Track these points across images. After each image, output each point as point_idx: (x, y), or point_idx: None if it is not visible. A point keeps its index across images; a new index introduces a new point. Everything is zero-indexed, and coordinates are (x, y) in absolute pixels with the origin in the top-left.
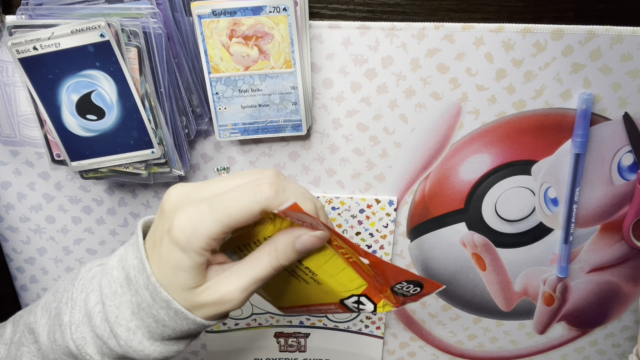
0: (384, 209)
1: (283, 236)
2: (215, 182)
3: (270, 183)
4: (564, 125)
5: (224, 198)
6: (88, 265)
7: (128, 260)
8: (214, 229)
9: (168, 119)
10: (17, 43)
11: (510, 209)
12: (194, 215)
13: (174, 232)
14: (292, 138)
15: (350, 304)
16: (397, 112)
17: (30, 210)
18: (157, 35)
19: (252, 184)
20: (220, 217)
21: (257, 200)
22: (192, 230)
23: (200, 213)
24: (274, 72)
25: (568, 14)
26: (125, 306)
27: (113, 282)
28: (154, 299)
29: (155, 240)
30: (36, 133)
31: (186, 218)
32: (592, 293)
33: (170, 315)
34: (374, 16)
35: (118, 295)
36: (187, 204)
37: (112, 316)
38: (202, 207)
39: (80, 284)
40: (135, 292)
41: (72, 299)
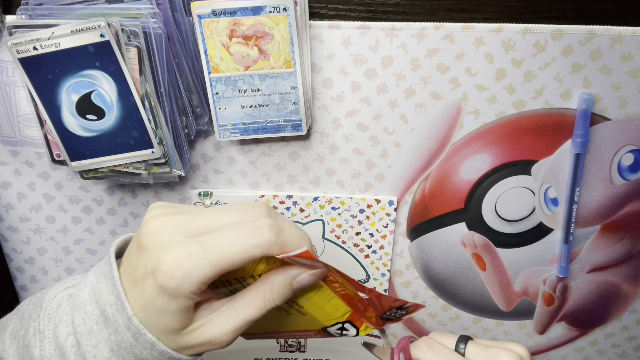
0: (384, 209)
1: (279, 276)
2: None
3: (270, 226)
4: (564, 125)
5: (220, 240)
6: (52, 292)
7: (102, 295)
8: (207, 274)
9: (168, 119)
10: (17, 43)
11: (510, 209)
12: (183, 258)
13: (160, 277)
14: (292, 138)
15: (334, 330)
16: (397, 112)
17: (30, 210)
18: (157, 35)
19: (249, 226)
20: (215, 261)
21: (257, 244)
22: (182, 275)
23: (191, 256)
24: (274, 72)
25: (568, 14)
26: (103, 344)
27: (87, 319)
28: (136, 340)
29: (137, 278)
30: (36, 133)
31: (175, 261)
32: (592, 293)
33: (154, 355)
34: (374, 16)
35: (94, 334)
36: (174, 243)
37: (90, 356)
38: (194, 249)
39: (46, 313)
40: (115, 331)
41: (39, 331)
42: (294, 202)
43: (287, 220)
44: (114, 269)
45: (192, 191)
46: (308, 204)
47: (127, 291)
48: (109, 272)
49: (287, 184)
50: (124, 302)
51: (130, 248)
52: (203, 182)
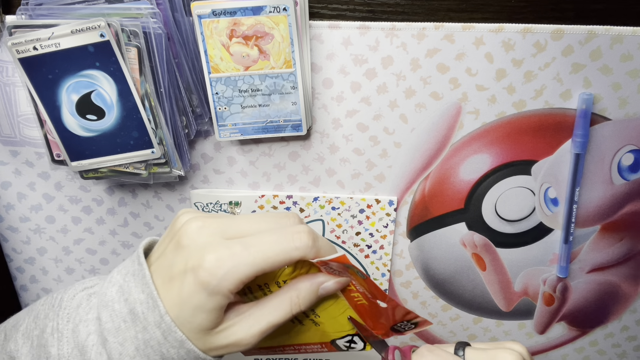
0: (384, 209)
1: (306, 282)
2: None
3: (308, 232)
4: (564, 125)
5: (261, 242)
6: (71, 292)
7: (132, 293)
8: (248, 272)
9: (168, 119)
10: (17, 43)
11: (510, 209)
12: (227, 257)
13: (203, 274)
14: (292, 138)
15: (342, 343)
16: (397, 112)
17: (30, 210)
18: (157, 35)
19: (288, 230)
20: (257, 261)
21: (296, 247)
22: (224, 272)
23: (234, 255)
24: (274, 72)
25: (568, 14)
26: (129, 342)
27: (115, 317)
28: (165, 338)
29: (173, 276)
30: (36, 133)
31: (217, 259)
32: (592, 293)
33: (181, 355)
34: (374, 16)
35: (122, 331)
36: (216, 244)
37: (116, 353)
38: (236, 249)
39: (65, 313)
40: (143, 329)
41: (57, 330)
42: (294, 202)
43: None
44: (144, 268)
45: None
46: (308, 204)
47: (159, 289)
48: (138, 271)
49: (287, 184)
50: (156, 300)
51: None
52: (203, 182)
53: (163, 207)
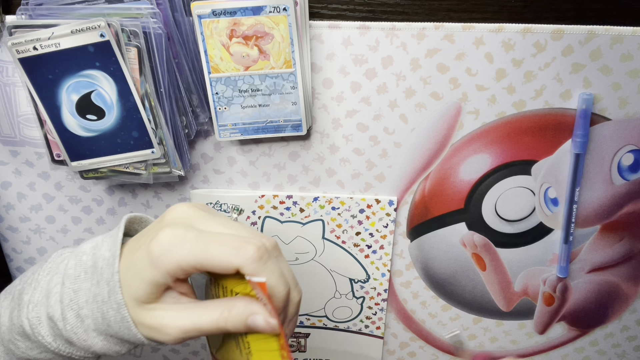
0: (384, 209)
1: (241, 304)
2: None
3: (258, 247)
4: (564, 125)
5: (212, 238)
6: (60, 250)
7: (101, 250)
8: (187, 260)
9: (168, 119)
10: (17, 43)
11: (510, 209)
12: (178, 236)
13: (152, 243)
14: (292, 138)
15: None
16: (397, 112)
17: (30, 210)
18: (157, 35)
19: (242, 239)
20: (197, 253)
21: (236, 255)
22: (167, 248)
23: (184, 238)
24: (274, 72)
25: (568, 14)
26: (83, 293)
27: (79, 266)
28: (109, 297)
29: (138, 243)
30: (36, 133)
31: (170, 235)
32: (592, 293)
33: (117, 320)
34: (374, 16)
35: (80, 280)
36: (181, 225)
37: (67, 299)
38: (190, 234)
39: (48, 266)
40: (97, 283)
41: (36, 280)
42: (294, 202)
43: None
44: (120, 230)
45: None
46: (308, 204)
47: (123, 254)
48: (115, 233)
49: (287, 184)
50: (115, 258)
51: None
52: (203, 182)
53: (163, 207)
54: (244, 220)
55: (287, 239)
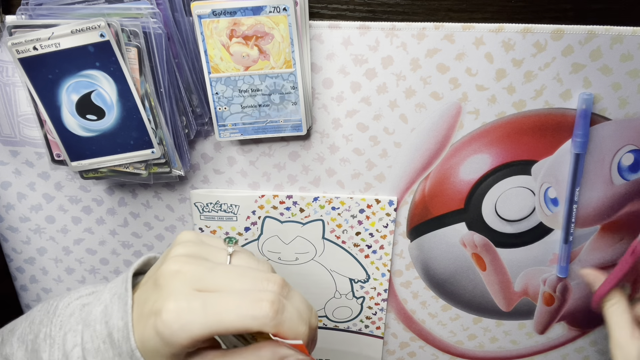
0: (384, 209)
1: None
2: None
3: (272, 301)
4: (564, 125)
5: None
6: (66, 300)
7: (113, 317)
8: (201, 333)
9: (168, 119)
10: (17, 43)
11: (510, 209)
12: (185, 311)
13: (159, 322)
14: (292, 138)
15: None
16: (397, 112)
17: (30, 210)
18: (157, 35)
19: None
20: (210, 323)
21: (254, 316)
22: (178, 327)
23: (192, 311)
24: (274, 72)
25: (568, 14)
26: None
27: (95, 338)
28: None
29: (143, 313)
30: (36, 133)
31: (176, 311)
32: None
33: None
34: (374, 16)
35: (101, 352)
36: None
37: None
38: (196, 304)
39: (58, 320)
40: (118, 355)
41: (50, 336)
42: (294, 202)
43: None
44: (128, 296)
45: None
46: (308, 204)
47: (135, 321)
48: (123, 295)
49: (287, 184)
50: (129, 332)
51: (148, 279)
52: (203, 182)
53: (163, 207)
54: (244, 220)
55: (287, 239)
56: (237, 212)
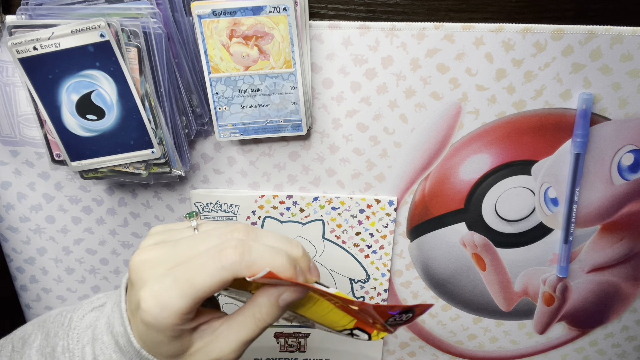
0: (384, 209)
1: (264, 297)
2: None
3: (235, 246)
4: (564, 125)
5: (188, 269)
6: (80, 312)
7: (115, 325)
8: (183, 305)
9: (168, 119)
10: (17, 43)
11: (510, 209)
12: (159, 292)
13: (142, 314)
14: (292, 138)
15: (345, 335)
16: (397, 112)
17: (30, 210)
18: (157, 35)
19: (216, 249)
20: (186, 292)
21: (222, 267)
22: (159, 310)
23: (165, 289)
24: (274, 72)
25: (568, 14)
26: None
27: (105, 349)
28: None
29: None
30: (36, 133)
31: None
32: (592, 293)
33: None
34: (374, 16)
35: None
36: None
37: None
38: (167, 281)
39: (75, 333)
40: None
41: (69, 350)
42: (294, 202)
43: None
44: (122, 301)
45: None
46: (308, 204)
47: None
48: (118, 302)
49: (287, 184)
50: (130, 336)
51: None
52: (203, 182)
53: (163, 207)
54: (244, 220)
55: None
56: (237, 212)
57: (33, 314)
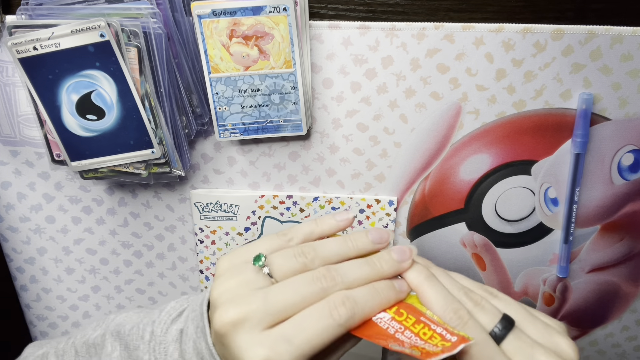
0: (384, 209)
1: None
2: (276, 299)
3: (343, 302)
4: (564, 125)
5: (302, 329)
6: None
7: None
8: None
9: (168, 119)
10: (17, 43)
11: (510, 209)
12: (271, 356)
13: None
14: (292, 138)
15: None
16: (397, 112)
17: (30, 210)
18: (157, 35)
19: (325, 307)
20: (304, 351)
21: (338, 325)
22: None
23: (281, 354)
24: (274, 72)
25: (568, 14)
26: None
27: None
28: None
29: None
30: (36, 133)
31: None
32: (592, 293)
33: None
34: (374, 16)
35: None
36: (257, 346)
37: None
38: (281, 347)
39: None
40: None
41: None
42: (294, 202)
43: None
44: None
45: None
46: (308, 204)
47: None
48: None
49: (287, 184)
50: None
51: (214, 335)
52: (203, 182)
53: (163, 207)
54: (244, 220)
55: None
56: (237, 212)
57: (33, 314)
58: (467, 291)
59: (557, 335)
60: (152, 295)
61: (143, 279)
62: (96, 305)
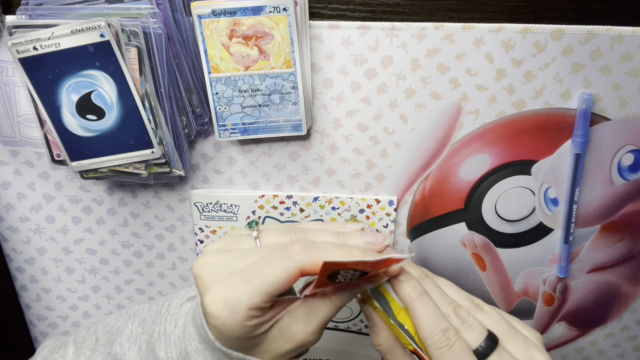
0: (384, 209)
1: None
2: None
3: (299, 241)
4: (564, 125)
5: (255, 267)
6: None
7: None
8: (252, 301)
9: (168, 119)
10: (17, 43)
11: (510, 209)
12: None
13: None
14: (292, 138)
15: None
16: (397, 112)
17: (30, 210)
18: (157, 35)
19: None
20: (258, 288)
21: (289, 259)
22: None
23: (232, 289)
24: (274, 72)
25: (568, 14)
26: None
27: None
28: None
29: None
30: (36, 133)
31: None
32: (592, 293)
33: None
34: (374, 16)
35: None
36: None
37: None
38: (234, 281)
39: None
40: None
41: (165, 334)
42: (294, 202)
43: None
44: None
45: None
46: (308, 204)
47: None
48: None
49: (287, 184)
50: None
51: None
52: (203, 182)
53: (163, 207)
54: (244, 220)
55: None
56: (237, 212)
57: (33, 314)
58: (456, 307)
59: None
60: (152, 295)
61: (143, 279)
62: (96, 306)
